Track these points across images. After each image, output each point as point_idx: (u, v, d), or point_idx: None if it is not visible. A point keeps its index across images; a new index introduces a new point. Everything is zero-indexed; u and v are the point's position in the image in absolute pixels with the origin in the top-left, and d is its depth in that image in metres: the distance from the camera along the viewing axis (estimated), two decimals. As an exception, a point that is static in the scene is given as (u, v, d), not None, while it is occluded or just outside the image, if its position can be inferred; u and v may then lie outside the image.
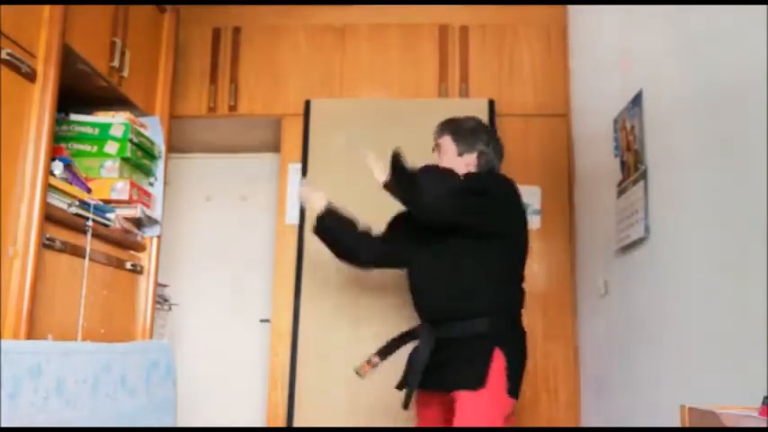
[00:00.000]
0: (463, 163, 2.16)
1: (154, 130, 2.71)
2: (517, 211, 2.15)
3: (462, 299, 2.01)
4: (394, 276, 3.06)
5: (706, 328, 1.79)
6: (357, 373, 2.14)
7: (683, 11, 1.97)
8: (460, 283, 2.02)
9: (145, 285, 2.66)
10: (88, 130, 2.46)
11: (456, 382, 1.96)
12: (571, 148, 3.26)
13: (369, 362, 2.15)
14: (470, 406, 1.91)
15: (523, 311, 2.17)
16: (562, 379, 3.08)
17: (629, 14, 2.46)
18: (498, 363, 1.95)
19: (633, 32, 2.42)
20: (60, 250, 2.10)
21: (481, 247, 2.03)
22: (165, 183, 2.77)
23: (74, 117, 2.46)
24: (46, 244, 2.01)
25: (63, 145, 2.39)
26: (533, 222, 3.20)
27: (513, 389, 1.98)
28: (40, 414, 1.67)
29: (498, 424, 1.93)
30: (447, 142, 2.19)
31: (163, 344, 2.49)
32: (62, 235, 2.12)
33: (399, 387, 2.14)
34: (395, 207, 2.23)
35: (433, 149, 2.25)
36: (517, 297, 2.12)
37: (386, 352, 2.17)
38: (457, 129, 2.18)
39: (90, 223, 2.25)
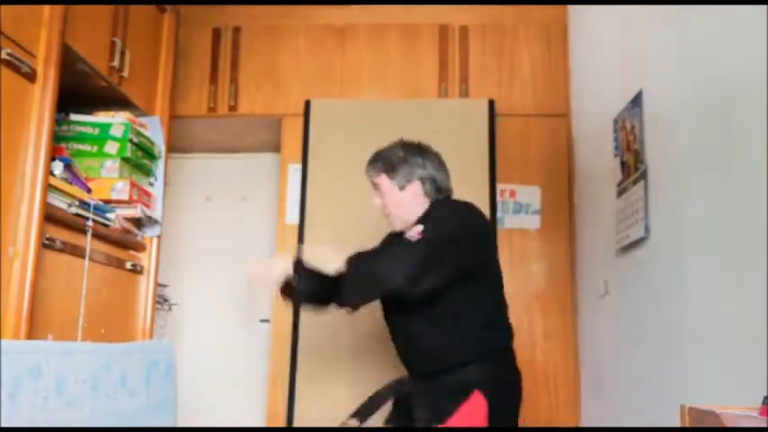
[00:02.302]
0: (410, 195, 1.92)
1: (154, 130, 2.71)
2: (489, 240, 1.97)
3: (447, 350, 1.81)
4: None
5: (706, 328, 1.79)
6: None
7: (683, 11, 1.97)
8: (445, 334, 1.82)
9: (145, 285, 2.66)
10: (88, 130, 2.46)
11: (419, 417, 1.78)
12: (571, 148, 3.26)
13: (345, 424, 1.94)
14: None
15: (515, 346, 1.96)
16: (562, 379, 3.08)
17: (629, 14, 2.46)
18: (476, 404, 1.73)
19: (633, 32, 2.42)
20: (60, 250, 2.10)
21: (464, 290, 1.80)
22: (165, 183, 2.77)
23: (74, 117, 2.46)
24: (46, 244, 2.00)
25: (63, 145, 2.39)
26: (533, 222, 3.21)
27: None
28: (40, 414, 1.67)
29: None
30: (384, 180, 1.93)
31: (163, 344, 2.49)
32: (62, 235, 2.12)
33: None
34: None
35: (374, 190, 1.98)
36: (505, 338, 1.90)
37: (364, 413, 1.93)
38: (388, 162, 1.93)
39: (90, 223, 2.25)
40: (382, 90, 3.37)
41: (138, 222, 2.59)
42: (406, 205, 1.92)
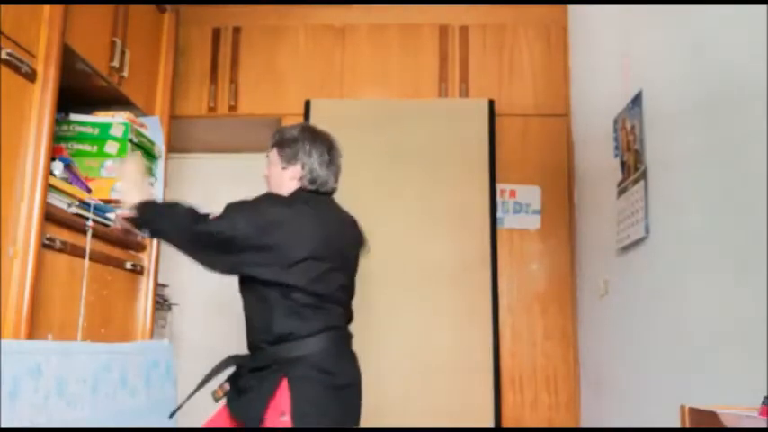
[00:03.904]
0: (287, 177, 1.95)
1: (154, 130, 2.70)
2: (280, 245, 1.83)
3: (259, 330, 1.88)
4: (394, 274, 3.06)
5: (706, 328, 1.79)
6: (213, 397, 1.97)
7: (683, 11, 1.97)
8: (259, 313, 1.88)
9: (145, 285, 2.66)
10: (88, 130, 2.46)
11: (241, 413, 1.84)
12: (571, 148, 3.26)
13: (221, 387, 1.98)
14: None
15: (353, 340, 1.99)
16: (562, 379, 3.08)
17: (629, 14, 2.46)
18: (282, 396, 1.75)
19: (633, 32, 2.42)
20: (60, 250, 2.10)
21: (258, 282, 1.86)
22: (165, 183, 2.76)
23: (74, 117, 2.45)
24: (46, 244, 2.00)
25: (63, 145, 2.38)
26: (533, 222, 3.21)
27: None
28: (40, 414, 1.67)
29: None
30: (273, 155, 2.00)
31: (163, 344, 2.49)
32: (62, 235, 2.12)
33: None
34: (396, 208, 2.21)
35: (266, 161, 2.06)
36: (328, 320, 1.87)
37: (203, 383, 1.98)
38: (281, 139, 1.99)
39: (90, 223, 2.24)
40: (382, 90, 3.37)
41: (138, 222, 2.59)
42: (280, 184, 1.97)
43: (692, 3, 1.90)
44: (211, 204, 3.96)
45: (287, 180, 1.97)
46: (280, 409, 1.75)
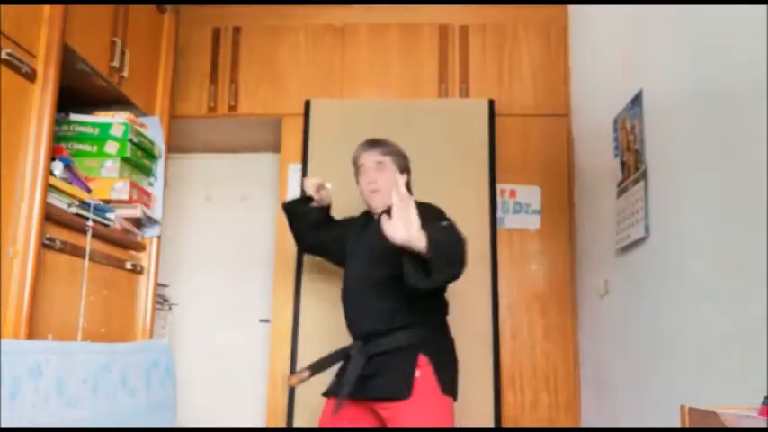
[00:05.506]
0: (402, 180, 2.00)
1: (154, 130, 2.70)
2: None
3: (390, 315, 2.07)
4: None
5: (706, 328, 1.79)
6: (290, 383, 2.23)
7: (683, 11, 1.97)
8: (389, 301, 2.08)
9: (145, 285, 2.66)
10: (88, 130, 2.46)
11: (386, 392, 2.01)
12: (571, 148, 3.26)
13: (298, 374, 2.22)
14: (409, 415, 1.97)
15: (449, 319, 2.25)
16: (562, 379, 3.08)
17: (629, 14, 2.46)
18: (425, 368, 2.02)
19: (633, 32, 2.42)
20: (60, 250, 2.10)
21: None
22: (165, 183, 2.77)
23: (74, 117, 2.46)
24: (46, 244, 2.00)
25: (63, 145, 2.39)
26: (533, 222, 3.21)
27: (449, 389, 2.07)
28: (41, 414, 1.67)
29: (448, 424, 2.03)
30: (390, 162, 2.26)
31: (163, 344, 2.49)
32: (62, 235, 2.12)
33: (326, 394, 2.20)
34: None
35: (367, 167, 2.27)
36: (442, 308, 2.21)
37: (317, 368, 2.22)
38: (395, 149, 2.31)
39: (90, 223, 2.25)
40: (382, 90, 3.37)
41: (138, 222, 2.59)
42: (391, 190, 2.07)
43: (692, 3, 1.90)
44: (211, 203, 3.95)
45: (400, 182, 2.05)
46: None
